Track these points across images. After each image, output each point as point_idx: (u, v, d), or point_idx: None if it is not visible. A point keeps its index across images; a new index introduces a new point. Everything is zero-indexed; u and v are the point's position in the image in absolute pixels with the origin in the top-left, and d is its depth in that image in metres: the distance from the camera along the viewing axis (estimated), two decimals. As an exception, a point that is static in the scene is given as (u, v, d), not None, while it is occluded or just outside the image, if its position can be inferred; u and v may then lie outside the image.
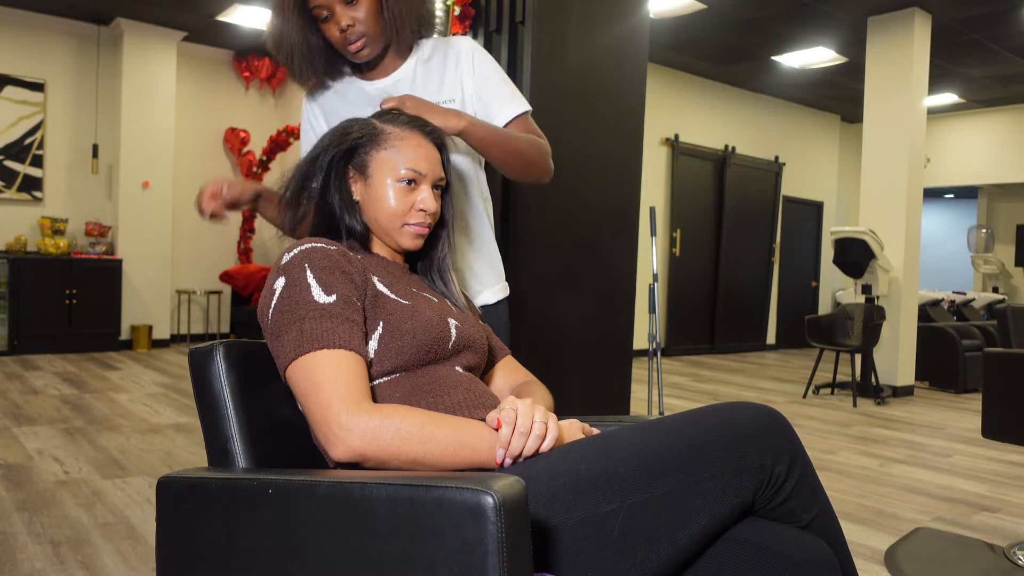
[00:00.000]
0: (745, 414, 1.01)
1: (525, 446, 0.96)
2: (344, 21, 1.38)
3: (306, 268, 1.06)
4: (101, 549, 2.34)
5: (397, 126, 1.22)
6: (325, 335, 1.01)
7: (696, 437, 0.97)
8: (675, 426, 1.00)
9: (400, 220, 1.20)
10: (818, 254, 10.07)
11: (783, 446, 1.00)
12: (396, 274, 1.22)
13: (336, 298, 1.04)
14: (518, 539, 0.75)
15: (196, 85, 7.73)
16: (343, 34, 1.39)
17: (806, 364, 7.85)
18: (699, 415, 1.02)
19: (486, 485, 0.75)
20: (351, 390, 0.97)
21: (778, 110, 9.24)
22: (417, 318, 1.11)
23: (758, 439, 0.99)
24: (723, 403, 1.04)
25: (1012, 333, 2.88)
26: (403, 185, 1.19)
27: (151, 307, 7.24)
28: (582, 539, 0.90)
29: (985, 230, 9.84)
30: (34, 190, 6.87)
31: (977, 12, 6.04)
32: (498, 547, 0.73)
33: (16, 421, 4.02)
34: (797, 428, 4.59)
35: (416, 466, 0.95)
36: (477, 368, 1.22)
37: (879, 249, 5.72)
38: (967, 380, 6.25)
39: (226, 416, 1.08)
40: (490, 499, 0.74)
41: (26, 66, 6.81)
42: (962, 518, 2.99)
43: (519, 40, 2.78)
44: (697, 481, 0.94)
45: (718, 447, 0.97)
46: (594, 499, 0.91)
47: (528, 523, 0.78)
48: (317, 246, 1.09)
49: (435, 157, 1.23)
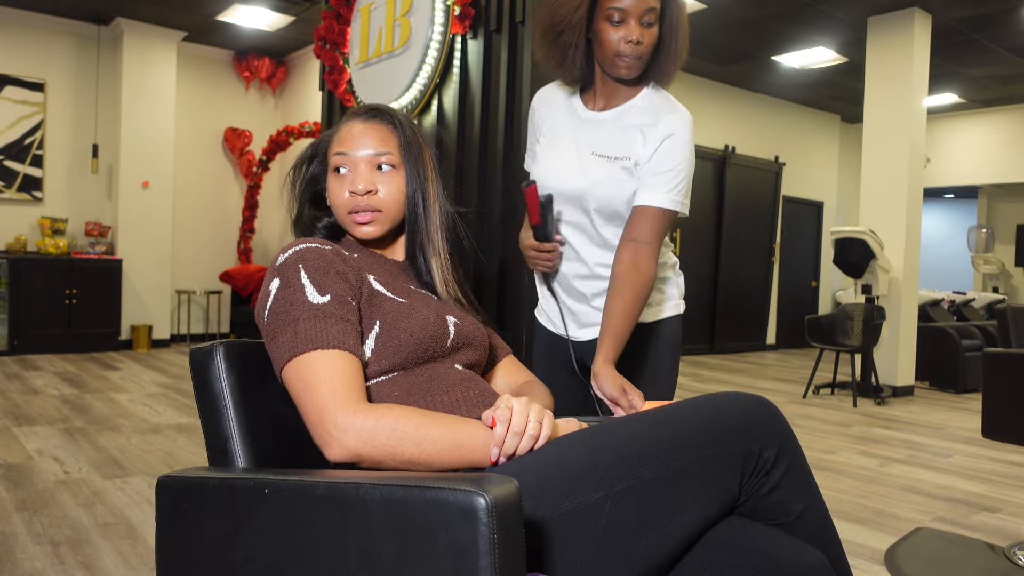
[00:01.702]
0: (734, 402, 1.01)
1: (519, 445, 0.95)
2: (636, 36, 1.40)
3: (300, 268, 1.05)
4: (101, 549, 2.34)
5: (343, 120, 1.22)
6: (319, 335, 1.00)
7: (683, 424, 0.98)
8: (664, 415, 1.01)
9: (344, 211, 1.18)
10: (818, 254, 10.07)
11: (772, 432, 0.99)
12: (393, 271, 1.21)
13: (330, 298, 1.03)
14: (511, 540, 0.75)
15: (196, 85, 7.73)
16: (628, 44, 1.41)
17: (806, 364, 7.85)
18: (688, 404, 1.02)
19: (479, 487, 0.74)
20: (346, 390, 0.96)
21: (778, 110, 9.24)
22: (414, 316, 1.10)
23: (747, 426, 0.99)
24: (714, 393, 1.04)
25: (1012, 333, 2.87)
26: (337, 174, 1.17)
27: (151, 307, 7.24)
28: (571, 530, 0.89)
29: (985, 230, 9.83)
30: (34, 190, 6.87)
31: (977, 12, 6.03)
32: (490, 548, 0.73)
33: (16, 421, 4.02)
34: (797, 428, 4.60)
35: (412, 466, 0.94)
36: (477, 365, 1.21)
37: (879, 249, 5.72)
38: (967, 380, 6.24)
39: (226, 416, 1.08)
40: (482, 500, 0.73)
41: (26, 66, 6.81)
42: (962, 518, 2.99)
43: (519, 40, 2.78)
44: (683, 467, 0.94)
45: (704, 433, 0.97)
46: (582, 488, 0.90)
47: (521, 524, 0.77)
48: (311, 246, 1.08)
49: (373, 134, 1.17)
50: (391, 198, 1.17)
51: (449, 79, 3.22)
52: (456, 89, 3.15)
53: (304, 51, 7.65)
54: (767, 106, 9.12)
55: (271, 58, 7.95)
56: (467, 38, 3.12)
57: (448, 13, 3.19)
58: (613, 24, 1.41)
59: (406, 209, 1.20)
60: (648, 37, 1.41)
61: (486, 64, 2.97)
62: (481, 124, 2.98)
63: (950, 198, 11.80)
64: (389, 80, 3.58)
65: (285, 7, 6.42)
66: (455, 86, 3.16)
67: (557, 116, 1.58)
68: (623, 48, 1.42)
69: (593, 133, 1.51)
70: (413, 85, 3.41)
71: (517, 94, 2.76)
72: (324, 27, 4.03)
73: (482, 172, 3.02)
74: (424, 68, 3.33)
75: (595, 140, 1.50)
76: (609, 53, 1.43)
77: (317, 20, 5.13)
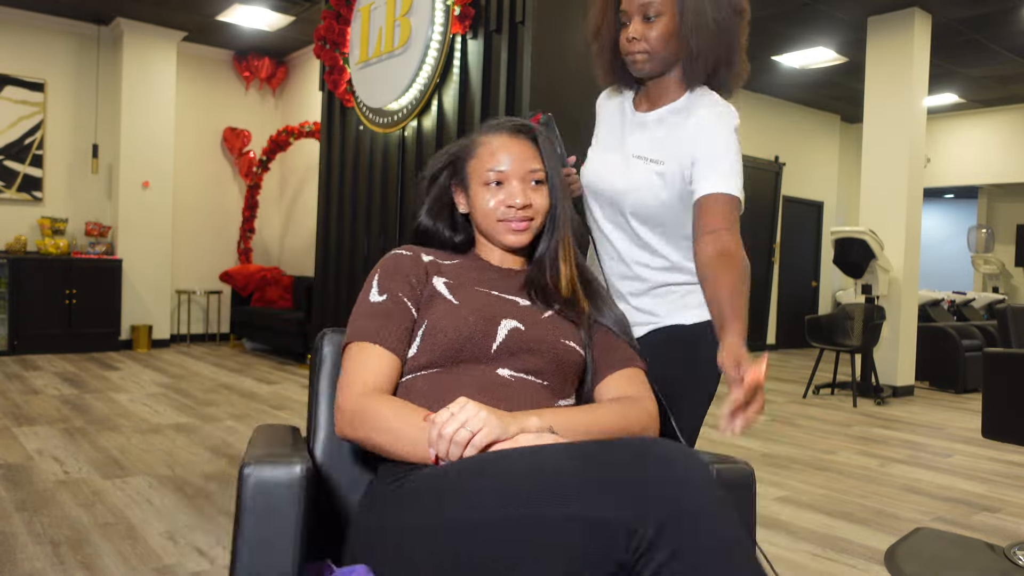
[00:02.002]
0: (628, 452, 0.85)
1: (448, 449, 0.96)
2: (633, 33, 1.42)
3: (377, 272, 1.24)
4: (101, 549, 2.34)
5: (482, 134, 1.31)
6: (363, 330, 1.16)
7: (562, 467, 0.85)
8: (576, 451, 0.89)
9: (494, 218, 1.26)
10: (818, 254, 10.06)
11: (663, 502, 0.79)
12: (479, 276, 1.26)
13: (386, 298, 1.19)
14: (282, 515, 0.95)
15: (196, 85, 7.73)
16: (629, 43, 1.44)
17: (806, 364, 7.85)
18: (594, 445, 0.90)
19: (277, 464, 0.96)
20: (363, 380, 1.11)
21: (778, 110, 9.24)
22: (454, 317, 1.15)
23: (625, 485, 0.80)
24: (642, 438, 0.90)
25: (1012, 333, 2.87)
26: (492, 186, 1.26)
27: (151, 307, 7.24)
28: (407, 544, 0.93)
29: (985, 230, 9.83)
30: (34, 190, 6.87)
31: (977, 12, 6.03)
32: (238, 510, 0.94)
33: (16, 421, 4.02)
34: (797, 428, 4.60)
35: (382, 452, 1.07)
36: (543, 373, 1.17)
37: (879, 249, 5.72)
38: (967, 380, 6.24)
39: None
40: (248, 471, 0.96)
41: (26, 66, 6.81)
42: (962, 518, 2.99)
43: (519, 40, 2.78)
44: (521, 518, 0.82)
45: (567, 483, 0.82)
46: (431, 508, 0.92)
47: (295, 505, 0.94)
48: (397, 252, 1.26)
49: (522, 153, 1.27)
50: (542, 209, 1.27)
51: (449, 79, 3.22)
52: (456, 89, 3.15)
53: (304, 51, 7.65)
54: (767, 106, 9.12)
55: (271, 58, 7.95)
56: (467, 38, 3.12)
57: (448, 13, 3.19)
58: (622, 26, 1.45)
59: (547, 218, 1.29)
60: (655, 31, 1.41)
61: (486, 64, 2.97)
62: (481, 124, 2.99)
63: (950, 198, 11.80)
64: (389, 80, 3.58)
65: (285, 7, 6.42)
66: (455, 86, 3.16)
67: (612, 117, 1.60)
68: (625, 46, 1.44)
69: (637, 135, 1.52)
70: (413, 85, 3.40)
71: (517, 94, 2.76)
72: (324, 27, 4.03)
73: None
74: (424, 68, 3.33)
75: (637, 142, 1.50)
76: (622, 54, 1.47)
77: (317, 20, 5.13)
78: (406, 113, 3.45)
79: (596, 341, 1.26)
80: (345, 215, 3.95)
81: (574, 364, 1.21)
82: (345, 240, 3.95)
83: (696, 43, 1.41)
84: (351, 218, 3.87)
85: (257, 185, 7.83)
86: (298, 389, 5.30)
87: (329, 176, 4.08)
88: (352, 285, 3.72)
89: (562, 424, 1.04)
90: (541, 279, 1.27)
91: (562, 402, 1.19)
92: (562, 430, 1.03)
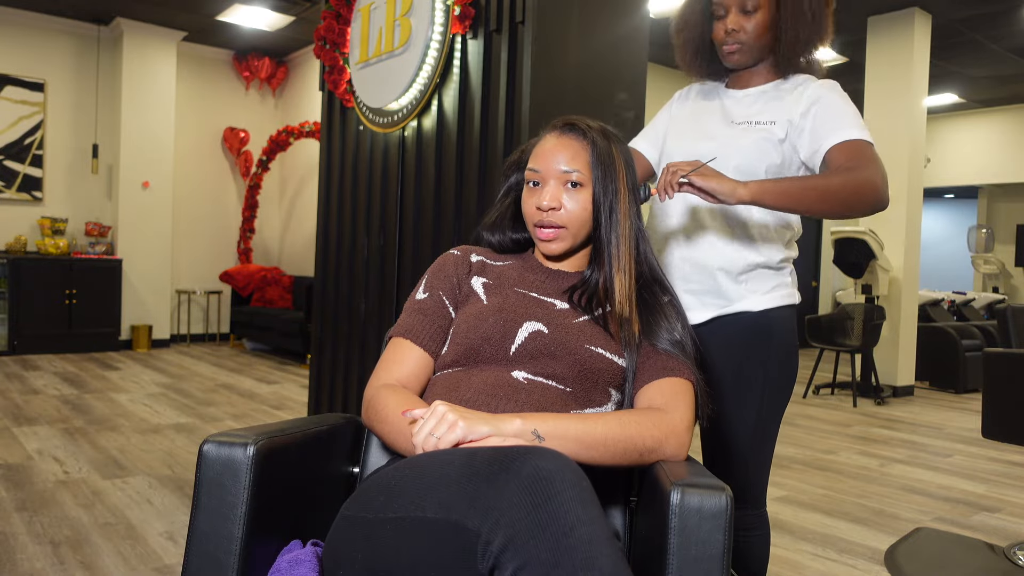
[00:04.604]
0: (498, 463, 0.83)
1: (424, 447, 0.97)
2: (731, 25, 1.43)
3: (429, 271, 1.28)
4: (101, 549, 2.34)
5: (543, 130, 1.26)
6: (401, 325, 1.22)
7: (445, 471, 0.86)
8: (465, 454, 0.90)
9: (531, 223, 1.23)
10: (818, 254, 10.06)
11: (514, 515, 0.77)
12: (524, 277, 1.24)
13: (428, 296, 1.24)
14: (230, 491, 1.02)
15: (196, 85, 7.73)
16: (726, 35, 1.45)
17: (806, 364, 7.85)
18: (486, 452, 0.88)
19: (234, 445, 1.03)
20: (387, 371, 1.18)
21: (778, 110, 9.24)
22: (477, 317, 1.17)
23: (484, 496, 0.80)
24: (518, 447, 0.88)
25: (1012, 333, 2.87)
26: (530, 187, 1.22)
27: (151, 307, 7.24)
28: (336, 532, 0.96)
29: (985, 230, 9.83)
30: (34, 190, 6.87)
31: (977, 12, 6.03)
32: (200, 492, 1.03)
33: (16, 421, 4.02)
34: (797, 428, 4.60)
35: (386, 442, 1.11)
36: (565, 378, 1.13)
37: (879, 249, 5.72)
38: (967, 380, 6.24)
39: None
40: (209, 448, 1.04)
41: (26, 66, 6.81)
42: (962, 518, 2.99)
43: (519, 40, 2.78)
44: (399, 520, 0.85)
45: (443, 487, 0.84)
46: (361, 502, 0.94)
47: (239, 483, 1.01)
48: (450, 252, 1.29)
49: (562, 152, 1.19)
50: (574, 215, 1.19)
51: (449, 79, 3.22)
52: (456, 89, 3.15)
53: (304, 51, 7.65)
54: (767, 106, 9.12)
55: (271, 58, 7.95)
56: (467, 38, 3.12)
57: (448, 13, 3.19)
58: (718, 18, 1.46)
59: (592, 225, 1.20)
60: (752, 24, 1.43)
61: (486, 64, 2.97)
62: (481, 124, 2.98)
63: (950, 198, 11.80)
64: (389, 80, 3.58)
65: (285, 7, 6.42)
66: (455, 86, 3.16)
67: (696, 106, 1.58)
68: (722, 37, 1.46)
69: (736, 109, 1.51)
70: (413, 85, 3.40)
71: (517, 94, 2.75)
72: (324, 27, 4.03)
73: (482, 172, 3.02)
74: (424, 68, 3.33)
75: (740, 113, 1.49)
76: (717, 44, 1.48)
77: (317, 20, 5.13)
78: (406, 113, 3.45)
79: (644, 350, 1.17)
80: (345, 215, 3.95)
81: (603, 372, 1.13)
82: (345, 240, 3.95)
83: (793, 33, 1.43)
84: (351, 218, 3.87)
85: (257, 185, 7.83)
86: (298, 389, 5.30)
87: (329, 176, 4.08)
88: (352, 285, 3.72)
89: (551, 429, 1.00)
90: (587, 285, 1.20)
91: (590, 410, 1.13)
92: (550, 436, 0.99)
